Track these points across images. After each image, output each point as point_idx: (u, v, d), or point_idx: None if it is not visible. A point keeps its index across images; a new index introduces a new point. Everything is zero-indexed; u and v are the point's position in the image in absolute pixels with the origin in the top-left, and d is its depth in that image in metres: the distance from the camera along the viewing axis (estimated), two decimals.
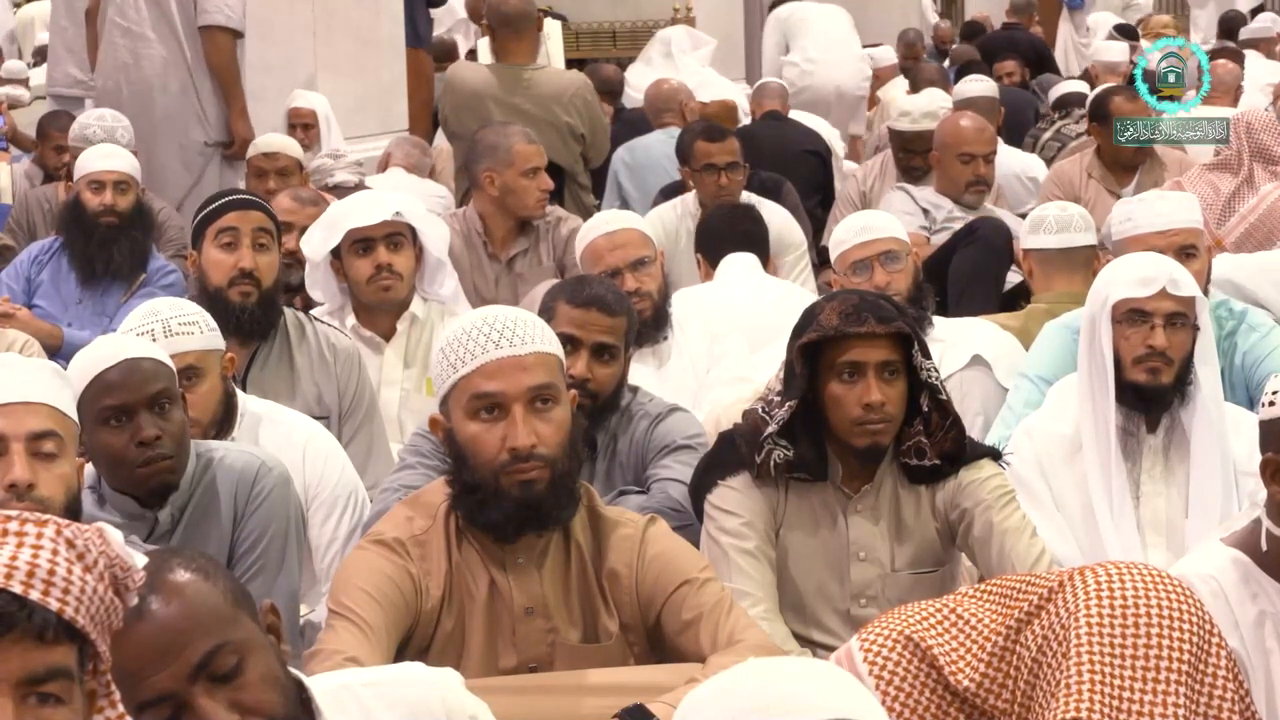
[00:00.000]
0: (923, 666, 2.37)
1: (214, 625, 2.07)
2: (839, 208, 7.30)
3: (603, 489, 3.70)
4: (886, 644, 2.37)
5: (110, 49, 7.15)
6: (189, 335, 3.74)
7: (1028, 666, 2.35)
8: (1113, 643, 2.25)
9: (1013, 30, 13.05)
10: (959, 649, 2.39)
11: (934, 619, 2.41)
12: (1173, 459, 3.79)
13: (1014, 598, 2.40)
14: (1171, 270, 3.79)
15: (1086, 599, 2.24)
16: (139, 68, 7.08)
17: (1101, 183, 6.83)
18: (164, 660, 2.04)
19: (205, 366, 3.77)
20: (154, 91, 7.07)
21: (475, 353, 2.96)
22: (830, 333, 3.33)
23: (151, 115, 7.02)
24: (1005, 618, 2.37)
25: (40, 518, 1.80)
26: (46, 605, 1.75)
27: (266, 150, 6.72)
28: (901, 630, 2.38)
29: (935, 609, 2.43)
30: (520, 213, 5.95)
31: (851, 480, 3.46)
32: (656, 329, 4.71)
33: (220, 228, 4.47)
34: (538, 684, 2.95)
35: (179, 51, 7.06)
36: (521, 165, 5.91)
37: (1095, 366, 3.77)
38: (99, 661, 1.83)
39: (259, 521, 3.45)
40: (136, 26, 7.07)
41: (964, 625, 2.40)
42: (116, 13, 7.12)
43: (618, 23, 12.04)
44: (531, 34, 7.53)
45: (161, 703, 2.04)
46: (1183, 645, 2.28)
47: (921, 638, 2.37)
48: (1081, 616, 2.25)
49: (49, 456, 3.07)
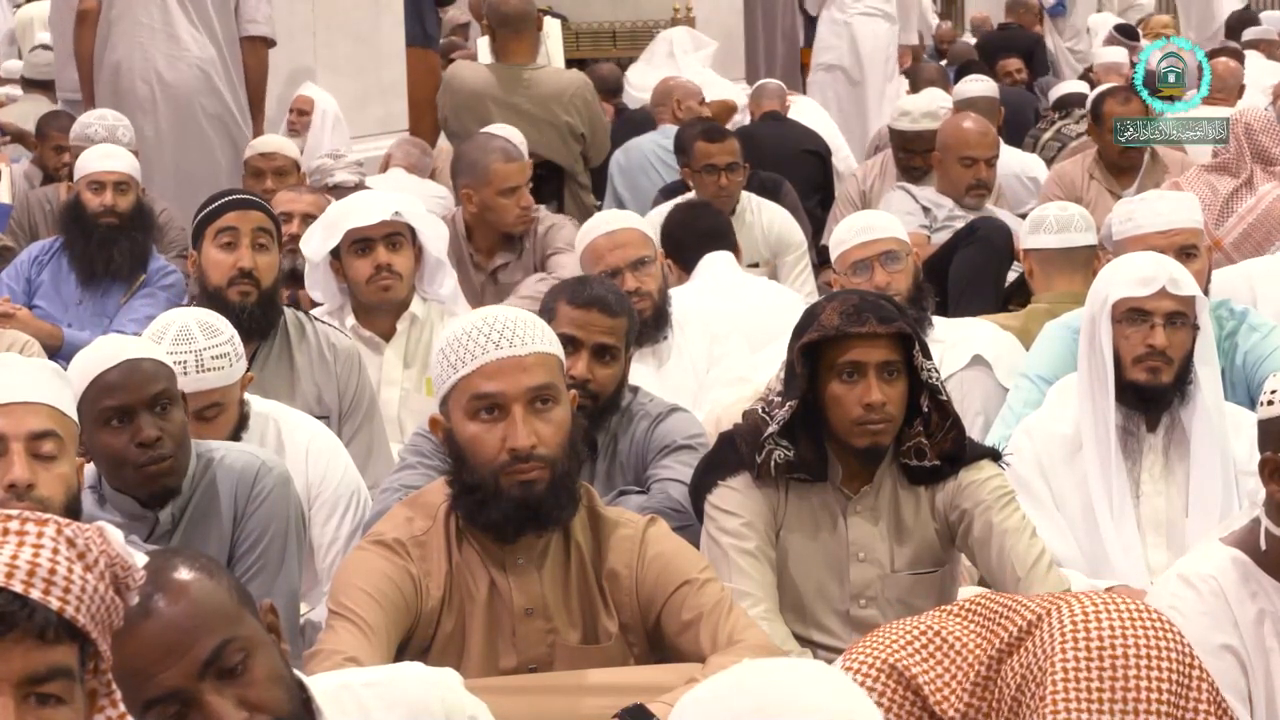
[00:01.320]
0: (908, 695, 2.36)
1: (221, 622, 2.08)
2: (839, 207, 7.30)
3: (603, 489, 3.70)
4: (871, 672, 2.37)
5: (135, 50, 6.99)
6: (220, 370, 3.71)
7: (1008, 704, 2.35)
8: (1089, 686, 2.24)
9: (1010, 30, 13.06)
10: (944, 675, 2.38)
11: (918, 643, 2.40)
12: (1173, 458, 3.79)
13: (997, 622, 2.39)
14: (1171, 270, 3.79)
15: (1063, 639, 2.23)
16: (175, 70, 6.98)
17: (1102, 183, 6.83)
18: (171, 657, 2.04)
19: (228, 400, 3.77)
20: (195, 95, 6.99)
21: (475, 353, 2.96)
22: (831, 333, 3.33)
23: (191, 120, 6.97)
24: (988, 644, 2.37)
25: (41, 517, 1.80)
26: (47, 604, 1.75)
27: (264, 150, 6.72)
28: (885, 658, 2.38)
29: (919, 631, 2.42)
30: (500, 229, 5.95)
31: (851, 481, 3.45)
32: (657, 329, 4.71)
33: (220, 227, 4.46)
34: (537, 684, 2.95)
35: (219, 58, 7.03)
36: (499, 185, 5.88)
37: (1095, 366, 3.77)
38: (99, 660, 1.83)
39: (259, 521, 3.45)
40: (166, 28, 7.00)
41: (948, 649, 2.39)
42: (140, 13, 7.00)
43: (618, 23, 12.03)
44: (531, 34, 7.53)
45: (169, 700, 2.05)
46: (1161, 685, 2.27)
47: (906, 666, 2.36)
48: (1057, 660, 2.24)
49: (49, 457, 3.07)
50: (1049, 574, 3.37)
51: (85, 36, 7.15)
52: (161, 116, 6.87)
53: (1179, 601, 2.95)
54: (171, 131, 6.92)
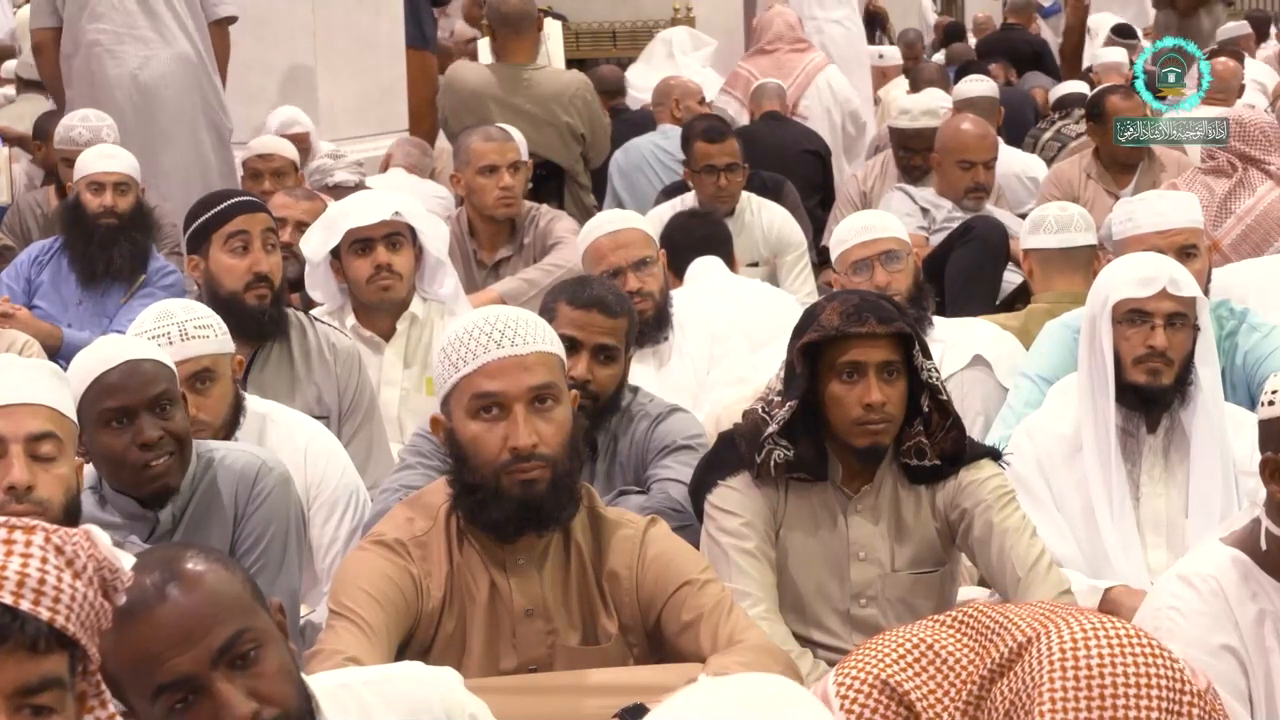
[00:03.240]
0: (901, 710, 2.36)
1: (236, 611, 2.09)
2: (839, 208, 7.30)
3: (603, 489, 3.70)
4: (864, 690, 2.36)
5: (110, 62, 6.90)
6: (204, 339, 3.74)
7: None
8: (1077, 717, 2.24)
9: (1011, 31, 13.04)
10: (936, 691, 2.37)
11: (910, 656, 2.40)
12: (1173, 459, 3.79)
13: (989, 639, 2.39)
14: (1172, 270, 3.79)
15: (1050, 668, 2.22)
16: (148, 71, 6.92)
17: (1100, 183, 6.83)
18: (187, 643, 2.05)
19: (219, 370, 3.78)
20: (165, 92, 6.93)
21: (476, 352, 2.96)
22: (831, 333, 3.33)
23: (161, 118, 6.94)
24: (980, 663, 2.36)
25: (28, 524, 1.80)
26: (38, 615, 1.75)
27: (262, 152, 6.70)
28: (878, 674, 2.37)
29: (912, 644, 2.41)
30: (483, 212, 5.95)
31: (851, 480, 3.45)
32: (658, 329, 4.71)
33: (230, 232, 4.45)
34: (537, 684, 2.95)
35: (190, 49, 6.99)
36: (477, 163, 5.92)
37: (1095, 366, 3.77)
38: (88, 663, 1.83)
39: (259, 521, 3.45)
40: (131, 31, 6.96)
41: (940, 664, 2.39)
42: (105, 23, 6.88)
43: (618, 23, 12.04)
44: (531, 34, 7.53)
45: (179, 686, 2.06)
46: (1151, 714, 2.27)
47: (899, 683, 2.35)
48: (1045, 689, 2.23)
49: (48, 458, 3.06)
50: (1049, 574, 3.37)
51: (46, 64, 7.11)
52: (143, 121, 6.82)
53: (1179, 601, 2.95)
54: (156, 134, 6.87)
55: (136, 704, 2.08)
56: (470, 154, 5.97)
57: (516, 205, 5.97)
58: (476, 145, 5.98)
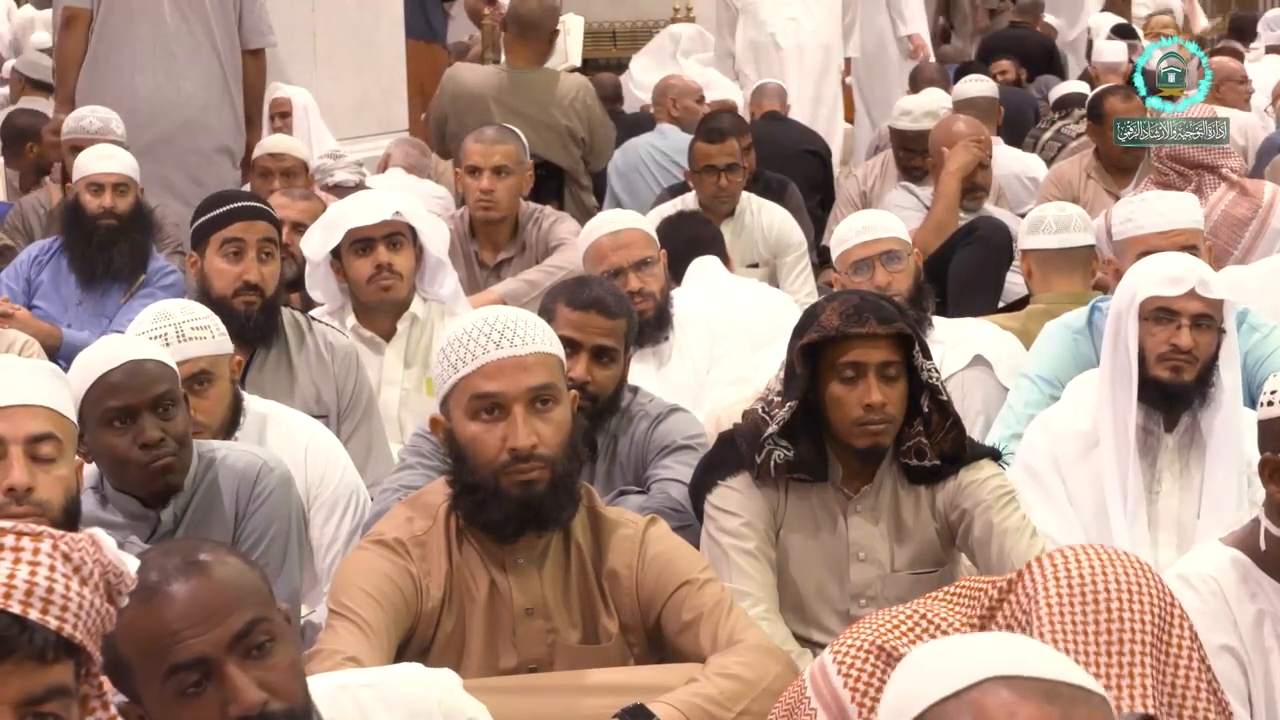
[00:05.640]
0: None
1: (256, 599, 2.11)
2: (839, 207, 7.30)
3: (603, 490, 3.70)
4: (860, 655, 2.37)
5: (141, 75, 6.87)
6: (202, 340, 3.74)
7: None
8: (1074, 620, 2.26)
9: (1019, 29, 13.02)
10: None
11: (905, 625, 2.42)
12: (1190, 459, 3.78)
13: (976, 597, 2.41)
14: (1202, 272, 3.77)
15: (1045, 582, 2.25)
16: (176, 88, 6.89)
17: (1100, 183, 6.83)
18: (208, 622, 2.06)
19: (217, 371, 3.78)
20: (194, 110, 6.91)
21: (476, 353, 2.96)
22: (831, 333, 3.33)
23: (190, 135, 6.90)
24: (970, 616, 2.38)
25: (35, 531, 1.80)
26: (46, 624, 1.76)
27: (273, 151, 6.70)
28: (874, 640, 2.38)
29: (906, 615, 2.43)
30: (472, 211, 5.97)
31: (851, 481, 3.46)
32: (658, 329, 4.71)
33: (225, 238, 4.46)
34: (537, 684, 2.95)
35: (218, 70, 6.97)
36: (464, 162, 6.00)
37: (1119, 362, 3.74)
38: (91, 665, 1.84)
39: (260, 521, 3.46)
40: (161, 42, 6.90)
41: (934, 630, 2.40)
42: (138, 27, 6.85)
43: (618, 23, 12.04)
44: (539, 43, 7.50)
45: (193, 667, 2.06)
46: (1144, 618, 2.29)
47: (894, 646, 2.37)
48: (1041, 599, 2.26)
49: (47, 459, 3.05)
50: None
51: (74, 39, 6.96)
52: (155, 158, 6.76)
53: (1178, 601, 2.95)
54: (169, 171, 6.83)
55: (144, 688, 2.08)
56: (462, 153, 6.03)
57: (495, 210, 5.93)
58: (468, 144, 6.03)
